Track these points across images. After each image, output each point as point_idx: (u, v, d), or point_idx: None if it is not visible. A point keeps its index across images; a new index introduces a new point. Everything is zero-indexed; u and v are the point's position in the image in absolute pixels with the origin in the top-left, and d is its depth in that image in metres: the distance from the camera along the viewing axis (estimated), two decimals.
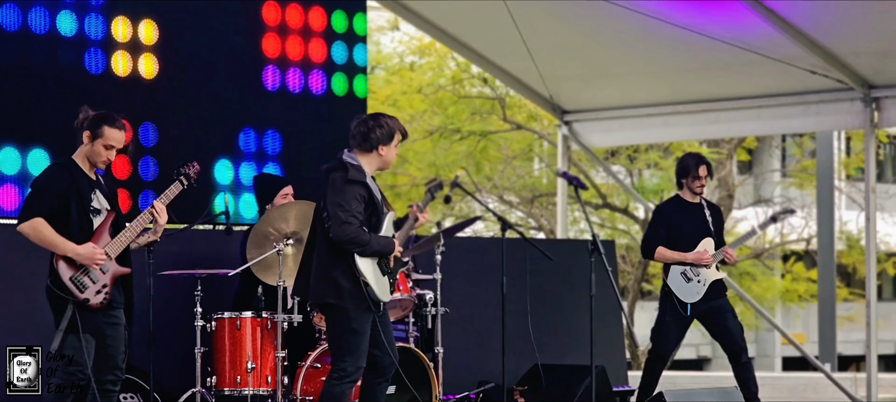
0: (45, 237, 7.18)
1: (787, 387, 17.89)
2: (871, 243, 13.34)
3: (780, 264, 26.42)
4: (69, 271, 7.20)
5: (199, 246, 9.78)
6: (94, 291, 7.24)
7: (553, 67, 13.42)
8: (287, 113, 10.74)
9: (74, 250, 7.20)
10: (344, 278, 7.50)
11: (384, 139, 7.65)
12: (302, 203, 8.92)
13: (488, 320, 10.42)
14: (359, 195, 7.51)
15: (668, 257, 9.78)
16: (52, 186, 7.25)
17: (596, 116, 14.35)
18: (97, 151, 7.33)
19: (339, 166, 7.60)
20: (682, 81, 13.55)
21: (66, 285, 7.18)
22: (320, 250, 7.61)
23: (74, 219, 7.24)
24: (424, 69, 22.07)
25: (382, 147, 7.65)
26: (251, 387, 8.75)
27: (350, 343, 7.52)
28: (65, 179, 7.26)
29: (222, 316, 8.85)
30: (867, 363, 13.14)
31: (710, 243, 9.83)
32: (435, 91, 21.58)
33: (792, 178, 26.99)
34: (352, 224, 7.43)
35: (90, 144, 7.32)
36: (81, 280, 7.20)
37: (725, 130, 15.32)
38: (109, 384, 7.38)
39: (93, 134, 7.31)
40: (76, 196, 7.25)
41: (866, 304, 13.24)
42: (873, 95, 12.82)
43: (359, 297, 7.50)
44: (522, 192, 23.16)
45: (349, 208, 7.44)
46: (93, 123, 7.33)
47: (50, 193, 7.22)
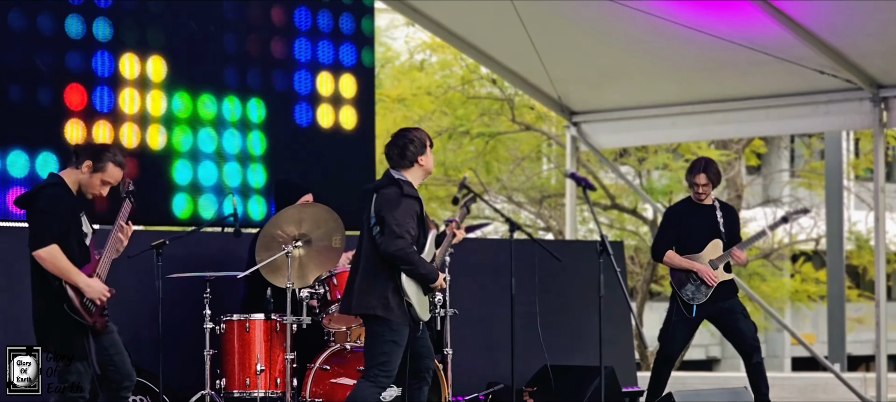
0: (61, 265, 7.12)
1: (797, 387, 17.85)
2: (881, 244, 13.31)
3: (788, 265, 26.39)
4: (78, 296, 7.18)
5: (208, 248, 9.78)
6: (99, 314, 7.25)
7: (561, 67, 13.41)
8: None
9: (86, 283, 7.17)
10: (391, 293, 7.67)
11: (419, 150, 7.90)
12: (310, 206, 8.92)
13: (497, 321, 10.41)
14: (413, 211, 7.71)
15: (677, 263, 9.79)
16: (60, 208, 7.19)
17: (604, 116, 14.34)
18: (93, 184, 7.31)
19: (391, 182, 7.77)
20: (690, 82, 13.53)
21: (79, 310, 7.15)
22: (367, 263, 7.74)
23: (73, 245, 7.21)
24: (434, 69, 22.06)
25: (421, 158, 7.89)
26: (260, 389, 8.74)
27: (388, 355, 7.71)
28: (68, 202, 7.23)
29: (231, 318, 8.85)
30: (877, 363, 13.11)
31: (719, 245, 9.80)
32: (444, 92, 21.58)
33: (801, 178, 26.96)
34: (405, 239, 7.61)
35: (89, 174, 7.29)
36: (89, 306, 7.20)
37: (734, 130, 15.30)
38: (125, 390, 7.39)
39: (94, 167, 7.29)
40: (74, 222, 7.24)
41: (876, 304, 13.22)
42: (882, 94, 12.80)
43: (402, 312, 7.70)
44: (531, 193, 23.15)
45: (403, 224, 7.62)
46: (97, 156, 7.30)
47: (59, 216, 7.17)
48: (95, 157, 7.29)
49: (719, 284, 9.76)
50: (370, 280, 7.71)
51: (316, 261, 8.84)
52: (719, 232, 9.84)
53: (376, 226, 7.72)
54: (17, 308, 8.92)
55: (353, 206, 10.73)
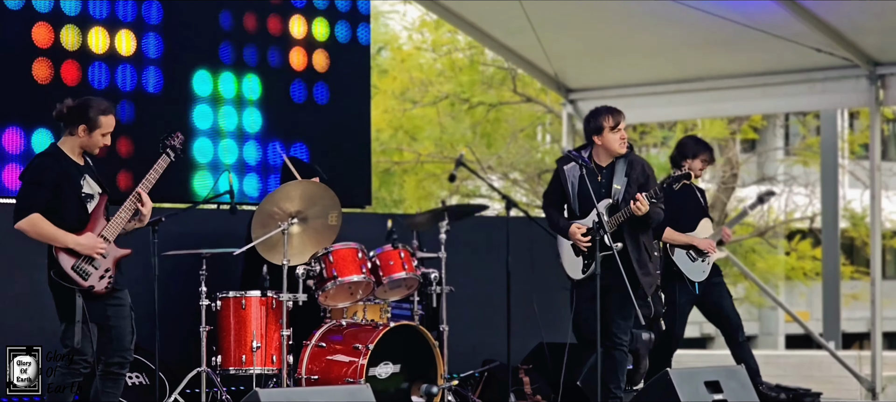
0: (45, 232, 7.18)
1: (791, 365, 17.89)
2: (877, 221, 13.33)
3: (784, 243, 26.42)
4: (70, 260, 7.20)
5: (204, 225, 9.78)
6: (98, 277, 7.25)
7: (558, 44, 13.39)
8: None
9: (75, 241, 7.21)
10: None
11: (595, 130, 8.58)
12: (307, 183, 8.91)
13: (493, 298, 10.42)
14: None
15: (678, 239, 9.70)
16: (44, 178, 7.24)
17: (600, 94, 14.31)
18: (95, 142, 7.37)
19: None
20: (686, 59, 13.52)
21: (69, 275, 7.17)
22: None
23: (69, 207, 7.24)
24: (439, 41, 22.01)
25: (596, 137, 8.59)
26: (256, 366, 8.75)
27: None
28: (54, 169, 7.26)
29: (227, 295, 8.85)
30: (872, 341, 13.14)
31: (708, 225, 9.81)
32: (448, 53, 21.51)
33: (796, 155, 26.97)
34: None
35: (87, 136, 7.32)
36: (84, 268, 7.21)
37: (730, 108, 15.30)
38: (116, 367, 7.38)
39: (89, 127, 7.31)
40: (68, 184, 7.26)
41: (871, 282, 13.24)
42: (879, 72, 12.79)
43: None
44: (527, 169, 23.16)
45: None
46: (85, 116, 7.31)
47: (43, 186, 7.21)
48: (84, 117, 7.31)
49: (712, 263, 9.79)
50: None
51: (312, 238, 8.84)
52: (705, 211, 9.84)
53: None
54: (18, 289, 8.92)
55: (350, 183, 10.78)
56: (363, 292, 8.98)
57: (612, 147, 8.56)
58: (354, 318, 9.02)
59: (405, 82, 21.62)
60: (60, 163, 7.29)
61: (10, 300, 8.94)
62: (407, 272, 8.98)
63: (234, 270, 9.38)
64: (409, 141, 22.29)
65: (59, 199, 7.22)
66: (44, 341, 7.49)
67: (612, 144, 8.58)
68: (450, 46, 21.58)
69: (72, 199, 7.25)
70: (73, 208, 7.25)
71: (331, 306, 9.03)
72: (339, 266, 8.81)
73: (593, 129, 8.67)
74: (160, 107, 10.02)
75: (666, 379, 8.12)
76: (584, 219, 8.62)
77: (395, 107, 21.71)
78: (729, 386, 8.28)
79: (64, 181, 7.24)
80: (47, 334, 8.11)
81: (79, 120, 7.31)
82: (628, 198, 8.46)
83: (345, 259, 8.84)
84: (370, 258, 8.97)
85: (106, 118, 7.35)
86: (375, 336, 8.54)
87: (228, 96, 10.45)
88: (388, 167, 22.28)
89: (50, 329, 7.50)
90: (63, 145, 7.37)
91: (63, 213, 7.22)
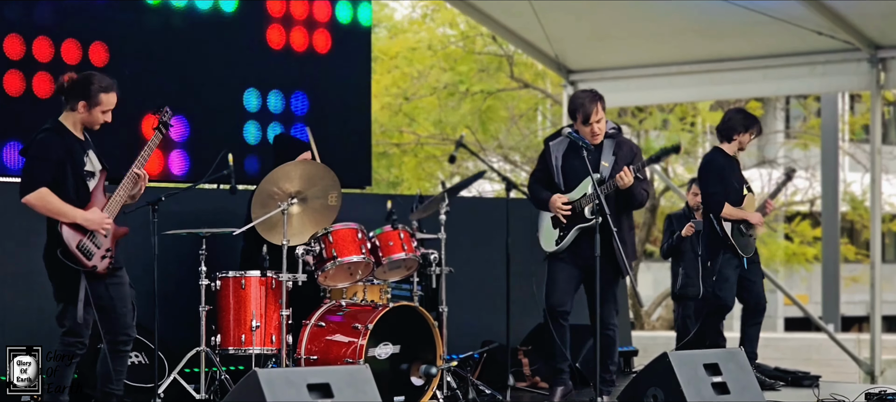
0: (53, 206, 7.12)
1: (791, 348, 17.91)
2: (877, 205, 13.34)
3: (783, 227, 26.42)
4: (75, 238, 7.15)
5: (204, 205, 9.78)
6: (100, 256, 7.21)
7: (559, 26, 13.38)
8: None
9: (84, 217, 7.15)
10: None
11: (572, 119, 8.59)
12: (307, 163, 8.90)
13: (492, 279, 10.42)
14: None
15: (736, 215, 9.63)
16: (50, 152, 7.17)
17: (601, 76, 14.32)
18: (95, 118, 7.30)
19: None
20: (688, 42, 13.51)
21: (74, 254, 7.14)
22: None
23: (70, 184, 7.18)
24: (436, 24, 22.01)
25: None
26: (256, 346, 8.76)
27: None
28: (59, 145, 7.19)
29: (227, 275, 8.85)
30: (871, 324, 13.16)
31: (752, 199, 9.74)
32: (444, 46, 21.53)
33: (796, 139, 26.96)
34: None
35: (87, 112, 7.28)
36: (88, 247, 7.16)
37: (731, 90, 15.30)
38: (122, 344, 7.37)
39: (89, 103, 7.26)
40: (71, 161, 7.20)
41: (871, 265, 13.25)
42: (880, 55, 12.79)
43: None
44: (527, 152, 23.16)
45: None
46: (86, 91, 7.25)
47: (49, 161, 7.16)
48: (85, 93, 7.26)
49: None
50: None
51: (312, 218, 8.83)
52: (747, 184, 9.78)
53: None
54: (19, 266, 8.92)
55: (350, 164, 10.78)
56: (363, 272, 8.98)
57: (586, 137, 8.65)
58: (354, 298, 9.02)
59: (397, 78, 21.60)
60: (64, 138, 7.23)
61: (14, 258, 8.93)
62: (406, 253, 8.97)
63: (234, 250, 9.38)
64: (409, 122, 22.29)
65: (62, 175, 7.17)
66: (45, 296, 7.43)
67: (586, 135, 8.71)
68: (443, 41, 21.56)
69: (74, 176, 7.21)
70: (74, 186, 7.21)
71: (330, 287, 9.03)
72: (339, 247, 8.80)
73: (571, 117, 8.91)
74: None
75: (665, 361, 8.12)
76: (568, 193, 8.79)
77: (391, 103, 21.75)
78: (728, 369, 8.28)
79: (67, 157, 7.19)
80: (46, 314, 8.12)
81: (79, 96, 7.26)
82: (615, 175, 8.66)
83: (344, 240, 8.84)
84: (370, 239, 8.96)
85: (107, 96, 7.30)
86: (375, 317, 8.54)
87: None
88: (385, 150, 22.28)
89: (48, 309, 7.48)
90: (65, 120, 7.31)
91: (65, 190, 7.17)
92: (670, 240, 11.22)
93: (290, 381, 6.79)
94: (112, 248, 7.28)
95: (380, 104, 20.81)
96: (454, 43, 21.52)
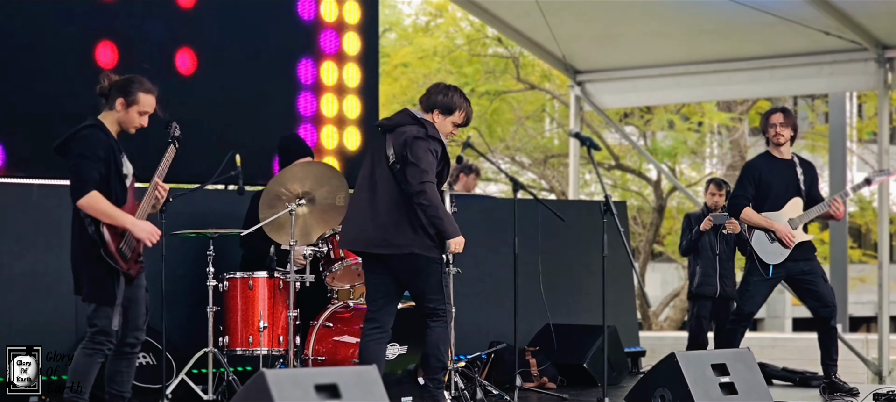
0: (104, 210, 6.98)
1: (798, 348, 17.88)
2: (884, 205, 13.33)
3: None
4: (115, 240, 7.05)
5: (212, 206, 9.79)
6: (134, 260, 7.18)
7: (566, 27, 13.39)
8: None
9: (133, 224, 7.05)
10: (424, 228, 7.65)
11: (444, 106, 7.89)
12: (314, 164, 8.92)
13: (500, 280, 10.42)
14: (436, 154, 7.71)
15: (755, 221, 9.32)
16: (98, 151, 7.04)
17: (609, 76, 14.33)
18: (132, 119, 7.18)
19: (414, 121, 7.77)
20: (695, 42, 13.51)
21: (114, 255, 7.06)
22: (389, 200, 7.67)
23: (114, 186, 7.07)
24: (441, 29, 22.03)
25: (437, 113, 7.88)
26: (263, 347, 8.76)
27: (446, 286, 7.81)
28: (105, 144, 7.08)
29: (234, 276, 8.85)
30: (879, 324, 13.16)
31: (799, 204, 9.40)
32: (449, 51, 21.56)
33: (804, 140, 26.95)
34: (432, 182, 7.62)
35: (125, 111, 7.19)
36: (125, 251, 7.10)
37: (739, 91, 15.30)
38: (129, 347, 7.32)
39: (127, 101, 7.16)
40: (113, 162, 7.10)
41: (879, 266, 13.25)
42: (887, 55, 12.79)
43: (441, 246, 7.74)
44: (534, 153, 23.16)
45: (429, 164, 7.62)
46: (125, 90, 7.16)
47: (98, 159, 7.02)
48: (124, 91, 7.19)
49: (797, 245, 9.36)
50: (396, 219, 7.65)
51: (319, 219, 8.84)
52: (799, 189, 9.42)
53: (397, 164, 7.66)
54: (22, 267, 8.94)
55: (357, 164, 10.78)
56: None
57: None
58: (361, 299, 9.02)
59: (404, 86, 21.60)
60: (108, 137, 7.13)
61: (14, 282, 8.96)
62: None
63: (240, 250, 9.38)
64: None
65: (107, 173, 7.06)
66: (57, 286, 7.40)
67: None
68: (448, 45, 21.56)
69: (115, 178, 7.12)
70: (115, 188, 7.12)
71: (338, 287, 9.03)
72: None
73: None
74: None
75: (673, 362, 8.11)
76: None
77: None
78: (736, 369, 8.27)
79: (111, 155, 7.10)
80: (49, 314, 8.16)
81: (118, 94, 7.17)
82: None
83: None
84: None
85: (146, 96, 7.20)
86: None
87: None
88: None
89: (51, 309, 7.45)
90: (104, 119, 7.19)
91: (108, 188, 7.06)
92: (689, 237, 11.19)
93: (298, 382, 6.78)
94: (141, 253, 7.23)
95: (387, 112, 20.85)
96: (459, 47, 21.54)
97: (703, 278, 11.12)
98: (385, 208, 7.68)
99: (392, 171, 7.66)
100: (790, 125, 9.38)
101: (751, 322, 9.80)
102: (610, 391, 8.64)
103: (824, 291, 9.45)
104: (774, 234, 9.34)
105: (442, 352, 7.73)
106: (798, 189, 9.42)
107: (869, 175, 9.84)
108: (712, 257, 11.06)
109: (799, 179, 9.43)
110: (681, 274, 26.47)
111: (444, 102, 7.86)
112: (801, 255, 9.40)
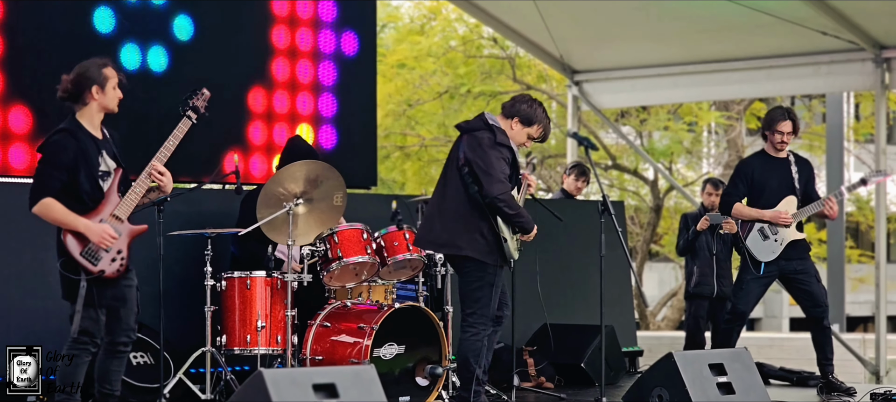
0: (57, 217, 6.99)
1: (795, 348, 17.90)
2: (882, 205, 13.34)
3: None
4: (79, 245, 7.03)
5: (209, 205, 9.78)
6: (109, 259, 7.08)
7: (564, 27, 13.39)
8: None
9: (86, 227, 7.01)
10: (484, 233, 7.92)
11: (523, 116, 8.11)
12: (312, 163, 8.90)
13: None
14: (506, 158, 7.97)
15: (746, 214, 9.36)
16: (61, 157, 7.02)
17: (606, 76, 14.34)
18: (111, 98, 7.15)
19: (485, 126, 8.01)
20: (692, 42, 13.52)
21: (78, 262, 7.03)
22: (456, 204, 7.95)
23: (84, 188, 7.06)
24: (435, 30, 22.04)
25: (514, 122, 8.10)
26: (261, 346, 8.75)
27: (487, 296, 7.96)
28: (72, 149, 7.05)
29: (232, 275, 8.84)
30: (876, 324, 13.16)
31: (793, 202, 9.42)
32: (445, 52, 21.56)
33: (801, 140, 26.96)
34: (505, 184, 7.89)
35: (102, 94, 7.11)
36: (94, 252, 7.04)
37: (736, 90, 15.30)
38: (122, 346, 7.28)
39: (100, 84, 7.11)
40: (85, 164, 7.07)
41: (876, 265, 13.25)
42: (884, 55, 12.79)
43: (499, 253, 7.95)
44: (532, 152, 23.15)
45: (499, 168, 7.88)
46: (91, 78, 7.10)
47: (59, 167, 7.01)
48: (91, 80, 7.10)
49: (790, 243, 9.39)
50: (460, 221, 7.93)
51: (317, 218, 8.83)
52: (794, 188, 9.44)
53: (465, 166, 7.91)
54: (26, 266, 8.93)
55: (355, 163, 10.79)
56: (368, 273, 8.98)
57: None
58: (359, 299, 9.02)
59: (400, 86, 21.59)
60: (78, 140, 7.09)
61: (20, 258, 8.94)
62: (411, 254, 8.98)
63: (238, 250, 9.37)
64: (413, 125, 22.30)
65: (74, 178, 7.05)
66: (54, 297, 7.40)
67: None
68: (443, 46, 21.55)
69: (87, 178, 7.07)
70: (88, 187, 7.09)
71: (335, 287, 9.03)
72: (344, 247, 8.80)
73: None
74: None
75: (670, 361, 8.12)
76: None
77: (394, 110, 21.77)
78: (733, 369, 8.27)
79: (81, 160, 7.05)
80: (50, 314, 8.13)
81: (86, 84, 7.12)
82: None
83: (350, 240, 8.84)
84: (375, 239, 8.97)
85: (108, 69, 7.15)
86: (380, 317, 8.54)
87: None
88: (388, 154, 22.29)
89: (53, 309, 7.46)
90: (81, 118, 7.15)
91: (79, 195, 7.06)
92: (686, 237, 11.20)
93: (296, 381, 6.78)
94: (125, 250, 7.16)
95: (384, 112, 20.85)
96: (454, 48, 21.54)
97: (701, 278, 11.13)
98: (451, 210, 8.02)
99: (460, 173, 7.97)
100: (796, 133, 9.49)
101: (746, 321, 9.80)
102: (607, 390, 8.65)
103: (817, 291, 9.48)
104: (769, 231, 9.37)
105: (469, 362, 8.00)
106: (792, 187, 9.44)
107: (865, 175, 9.86)
108: (709, 256, 11.07)
109: (794, 177, 9.45)
110: (678, 274, 26.49)
111: (526, 113, 8.11)
112: (794, 254, 9.43)
